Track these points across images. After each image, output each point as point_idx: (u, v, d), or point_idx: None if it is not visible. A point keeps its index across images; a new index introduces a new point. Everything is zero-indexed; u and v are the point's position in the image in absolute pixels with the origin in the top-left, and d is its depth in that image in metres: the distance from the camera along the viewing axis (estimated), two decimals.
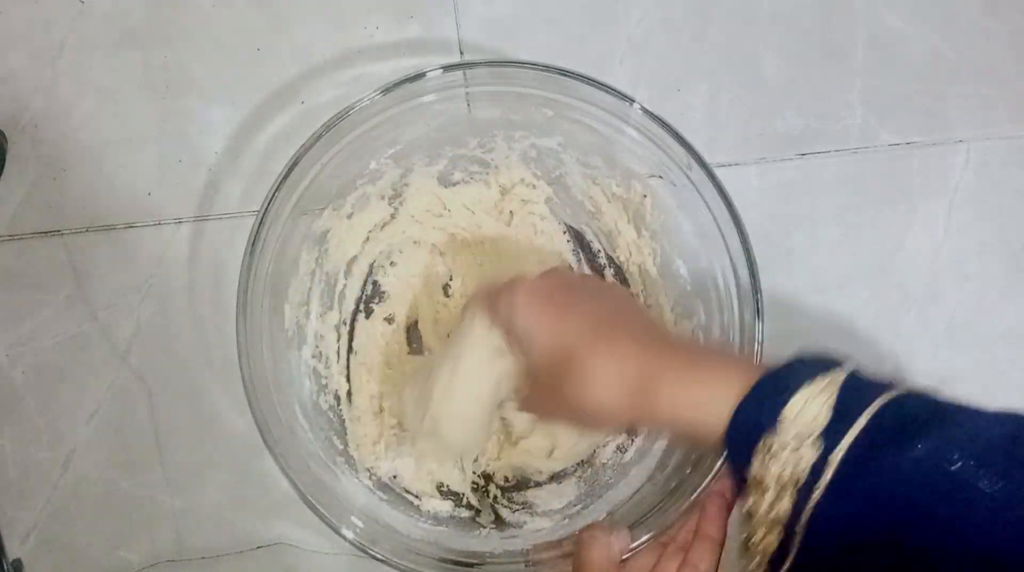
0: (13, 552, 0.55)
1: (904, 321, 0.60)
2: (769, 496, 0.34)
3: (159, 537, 0.56)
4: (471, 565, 0.47)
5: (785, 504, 0.33)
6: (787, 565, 0.34)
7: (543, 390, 0.43)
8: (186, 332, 0.57)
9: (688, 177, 0.48)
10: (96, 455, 0.56)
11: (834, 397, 0.33)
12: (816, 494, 0.32)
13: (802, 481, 0.33)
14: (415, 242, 0.57)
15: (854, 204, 0.61)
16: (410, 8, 0.61)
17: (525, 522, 0.54)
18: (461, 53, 0.61)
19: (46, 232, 0.58)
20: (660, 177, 0.52)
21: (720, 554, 0.41)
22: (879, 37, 0.63)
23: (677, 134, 0.48)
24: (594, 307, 0.43)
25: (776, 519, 0.34)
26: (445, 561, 0.47)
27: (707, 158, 0.48)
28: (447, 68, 0.48)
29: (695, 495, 0.44)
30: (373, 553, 0.45)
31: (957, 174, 0.62)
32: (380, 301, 0.57)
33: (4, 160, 0.58)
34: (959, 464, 0.30)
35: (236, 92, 0.60)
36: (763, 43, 0.62)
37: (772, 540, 0.34)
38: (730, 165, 0.61)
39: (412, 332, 0.58)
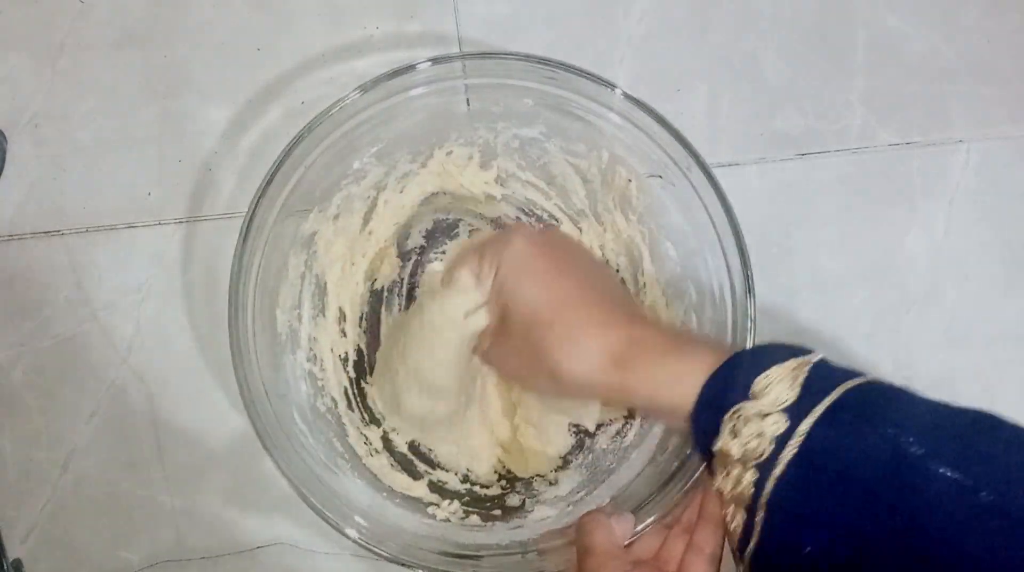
0: (13, 552, 0.55)
1: (904, 321, 0.60)
2: (734, 472, 0.34)
3: (159, 537, 0.56)
4: (471, 557, 0.47)
5: (748, 479, 0.33)
6: (751, 547, 0.34)
7: (515, 347, 0.42)
8: (186, 332, 0.57)
9: (687, 177, 0.49)
10: (96, 455, 0.56)
11: (803, 377, 0.33)
12: (777, 470, 0.32)
13: (766, 455, 0.33)
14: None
15: (854, 204, 0.61)
16: (410, 8, 0.61)
17: (530, 511, 0.54)
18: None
19: (46, 232, 0.58)
20: (660, 177, 0.52)
21: (725, 534, 0.41)
22: (879, 37, 0.63)
23: (678, 134, 0.48)
24: (587, 274, 0.43)
25: (740, 496, 0.34)
26: (446, 555, 0.47)
27: (707, 158, 0.48)
28: (435, 60, 0.48)
29: (697, 474, 0.44)
30: (378, 551, 0.45)
31: (957, 174, 0.62)
32: None
33: (4, 160, 0.58)
34: (920, 450, 0.30)
35: (236, 92, 0.60)
36: (763, 43, 0.62)
37: (738, 520, 0.34)
38: (730, 165, 0.61)
39: None
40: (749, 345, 0.46)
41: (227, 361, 0.56)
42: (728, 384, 0.35)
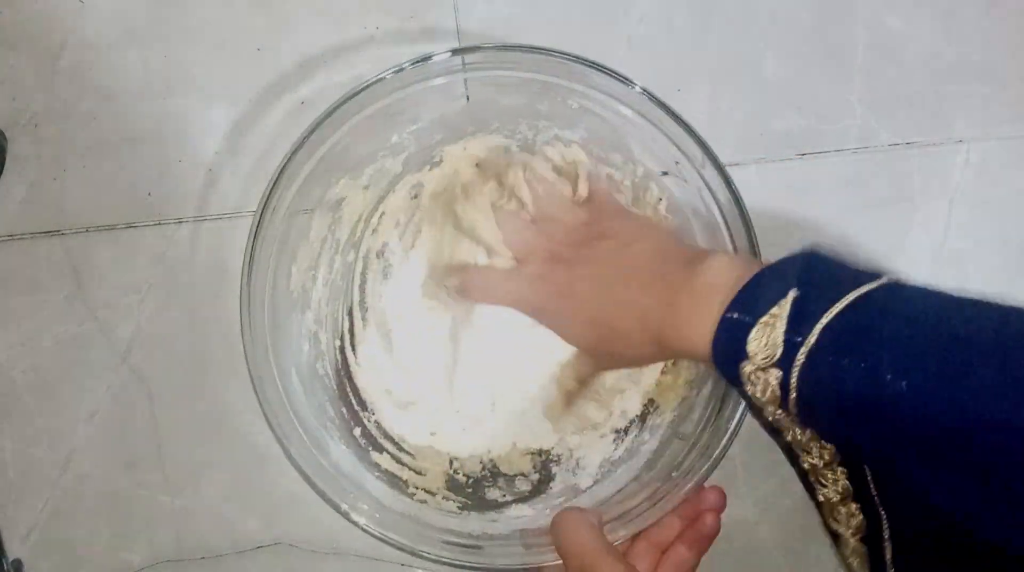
0: (13, 552, 0.55)
1: None
2: (766, 412, 0.36)
3: (159, 537, 0.56)
4: (474, 547, 0.47)
5: (778, 415, 0.36)
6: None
7: (585, 352, 0.49)
8: (186, 332, 0.57)
9: (700, 174, 0.49)
10: (96, 455, 0.56)
11: (783, 326, 0.34)
12: (787, 415, 0.35)
13: (777, 400, 0.35)
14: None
15: (854, 204, 0.61)
16: (411, 7, 0.61)
17: (507, 508, 0.54)
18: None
19: (46, 232, 0.58)
20: (666, 173, 0.52)
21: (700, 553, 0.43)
22: (879, 37, 0.63)
23: (695, 133, 0.48)
24: (592, 272, 0.46)
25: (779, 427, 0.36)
26: (449, 544, 0.47)
27: None
28: (462, 51, 0.49)
29: (682, 493, 0.44)
30: (365, 527, 0.45)
31: (957, 174, 0.62)
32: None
33: (4, 160, 0.58)
34: (893, 376, 0.31)
35: (236, 92, 0.60)
36: (763, 43, 0.62)
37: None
38: (730, 165, 0.60)
39: None
40: None
41: (227, 360, 0.57)
42: (728, 347, 0.37)
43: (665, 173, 0.52)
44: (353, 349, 0.56)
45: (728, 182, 0.47)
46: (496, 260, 0.50)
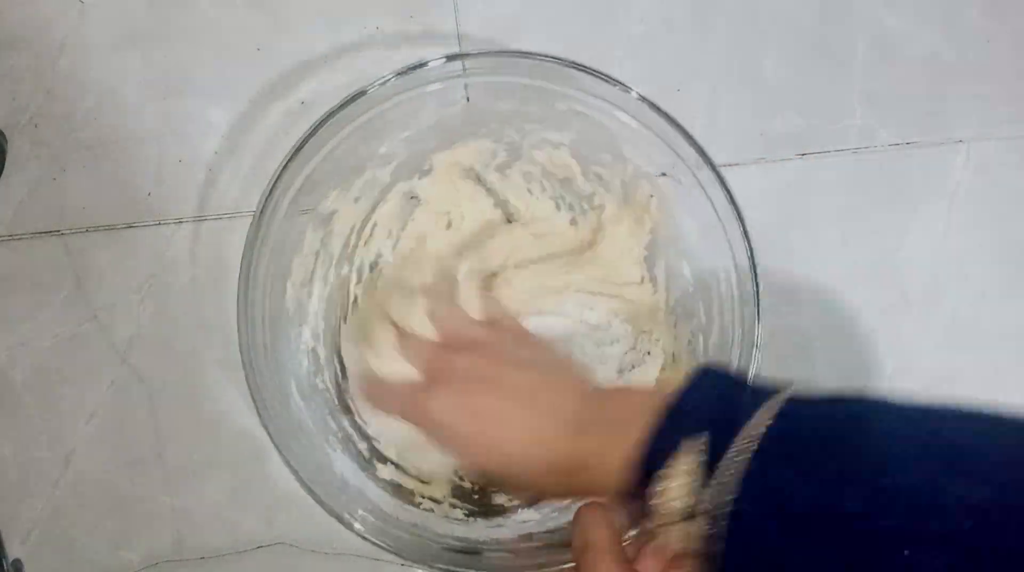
0: (13, 552, 0.55)
1: (904, 321, 0.60)
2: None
3: (159, 537, 0.56)
4: (474, 552, 0.47)
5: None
6: None
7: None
8: (186, 332, 0.57)
9: (696, 176, 0.49)
10: (96, 455, 0.56)
11: (695, 482, 0.33)
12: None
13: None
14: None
15: (854, 204, 0.61)
16: (410, 8, 0.61)
17: (514, 512, 0.54)
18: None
19: (46, 232, 0.58)
20: (664, 174, 0.52)
21: None
22: (879, 37, 0.63)
23: (688, 135, 0.48)
24: (507, 392, 0.43)
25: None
26: (448, 550, 0.47)
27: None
28: (450, 57, 0.49)
29: None
30: (366, 536, 0.45)
31: (957, 174, 0.62)
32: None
33: (4, 160, 0.58)
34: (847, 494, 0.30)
35: (236, 92, 0.60)
36: (763, 43, 0.62)
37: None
38: (730, 165, 0.61)
39: None
40: (752, 371, 0.46)
41: (228, 361, 0.57)
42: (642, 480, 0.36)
43: (663, 174, 0.52)
44: None
45: (723, 184, 0.47)
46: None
